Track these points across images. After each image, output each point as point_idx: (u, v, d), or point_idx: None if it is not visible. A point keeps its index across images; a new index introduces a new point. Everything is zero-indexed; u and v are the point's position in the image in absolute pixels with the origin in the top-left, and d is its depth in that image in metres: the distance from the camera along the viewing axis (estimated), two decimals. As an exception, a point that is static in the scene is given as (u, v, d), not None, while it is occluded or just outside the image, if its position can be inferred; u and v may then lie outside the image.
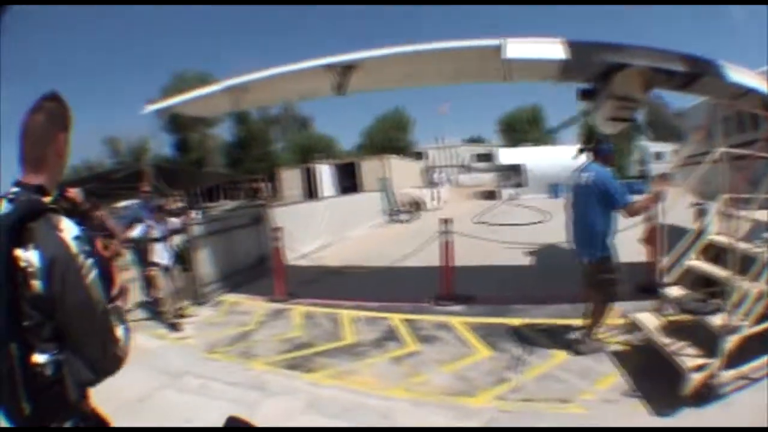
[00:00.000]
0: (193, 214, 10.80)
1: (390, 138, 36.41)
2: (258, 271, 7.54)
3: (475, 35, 4.70)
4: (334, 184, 19.20)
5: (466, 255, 6.32)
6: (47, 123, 1.16)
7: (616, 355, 3.74)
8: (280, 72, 4.95)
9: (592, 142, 4.09)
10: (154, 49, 54.47)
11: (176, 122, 35.86)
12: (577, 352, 3.81)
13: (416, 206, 16.53)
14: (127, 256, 5.87)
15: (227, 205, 32.18)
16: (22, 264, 1.03)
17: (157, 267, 5.55)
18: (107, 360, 1.13)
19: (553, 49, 4.17)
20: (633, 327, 3.90)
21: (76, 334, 1.08)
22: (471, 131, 42.41)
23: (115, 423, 1.32)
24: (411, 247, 7.03)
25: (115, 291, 1.22)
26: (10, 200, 1.10)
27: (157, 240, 5.52)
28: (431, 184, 21.25)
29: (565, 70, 4.58)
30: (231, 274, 7.03)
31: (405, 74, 5.61)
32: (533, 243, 8.40)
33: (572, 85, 5.15)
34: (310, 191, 18.77)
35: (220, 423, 1.31)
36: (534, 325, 4.56)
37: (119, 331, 1.15)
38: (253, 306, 6.06)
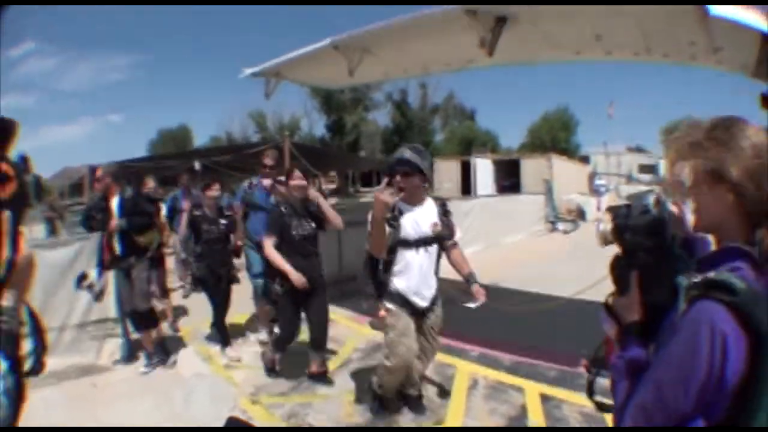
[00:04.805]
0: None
1: (555, 138, 34.05)
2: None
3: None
4: (492, 182, 17.96)
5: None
6: None
7: None
8: (401, 21, 3.60)
9: None
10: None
11: (330, 103, 35.47)
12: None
13: (578, 215, 15.20)
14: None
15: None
16: None
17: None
18: None
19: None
20: None
21: None
22: (634, 138, 39.06)
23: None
24: (569, 266, 5.87)
25: None
26: None
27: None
28: (595, 192, 19.68)
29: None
30: (341, 280, 5.61)
31: (583, 35, 3.93)
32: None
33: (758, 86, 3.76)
34: (466, 187, 17.54)
35: None
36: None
37: None
38: (349, 330, 4.61)
